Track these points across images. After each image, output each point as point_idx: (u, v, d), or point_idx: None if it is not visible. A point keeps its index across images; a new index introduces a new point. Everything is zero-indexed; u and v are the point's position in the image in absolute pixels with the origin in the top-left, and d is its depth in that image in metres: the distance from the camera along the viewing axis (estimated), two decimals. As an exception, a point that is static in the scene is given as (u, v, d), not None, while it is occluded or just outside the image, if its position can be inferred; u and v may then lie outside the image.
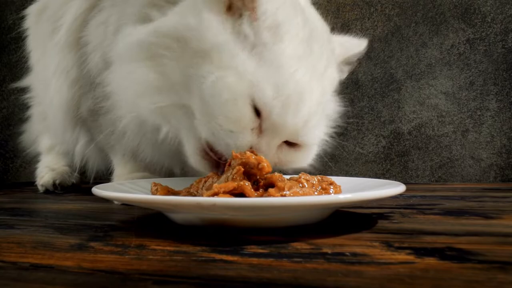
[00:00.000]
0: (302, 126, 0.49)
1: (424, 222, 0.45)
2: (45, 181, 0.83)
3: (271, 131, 0.49)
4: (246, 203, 0.36)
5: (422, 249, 0.33)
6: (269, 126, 0.48)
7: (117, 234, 0.41)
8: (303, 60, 0.50)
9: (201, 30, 0.48)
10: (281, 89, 0.47)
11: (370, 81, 1.07)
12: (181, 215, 0.43)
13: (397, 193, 0.42)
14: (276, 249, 0.34)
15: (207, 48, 0.47)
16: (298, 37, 0.50)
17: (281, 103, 0.47)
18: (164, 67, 0.49)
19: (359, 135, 1.09)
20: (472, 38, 1.02)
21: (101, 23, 0.59)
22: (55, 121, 0.71)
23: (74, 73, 0.64)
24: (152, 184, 0.48)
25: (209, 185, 0.44)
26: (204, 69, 0.47)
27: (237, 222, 0.41)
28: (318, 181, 0.47)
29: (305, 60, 0.50)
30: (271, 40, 0.48)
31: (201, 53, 0.48)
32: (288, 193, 0.41)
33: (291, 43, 0.49)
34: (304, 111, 0.49)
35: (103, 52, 0.59)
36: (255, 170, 0.43)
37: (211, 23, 0.48)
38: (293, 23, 0.50)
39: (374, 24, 1.08)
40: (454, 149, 1.02)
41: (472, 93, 1.02)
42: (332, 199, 0.38)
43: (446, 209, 0.54)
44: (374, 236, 0.38)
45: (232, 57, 0.47)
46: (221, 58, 0.47)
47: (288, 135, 0.50)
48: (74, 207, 0.62)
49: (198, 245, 0.36)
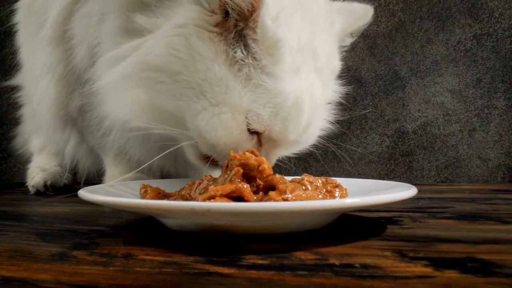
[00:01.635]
0: (302, 134, 0.48)
1: (437, 228, 0.42)
2: (36, 182, 0.79)
3: (271, 145, 0.48)
4: (243, 208, 0.32)
5: (439, 259, 0.30)
6: (269, 141, 0.48)
7: (104, 242, 0.38)
8: (302, 68, 0.47)
9: (193, 62, 0.44)
10: (280, 109, 0.46)
11: (373, 78, 1.05)
12: (174, 220, 0.40)
13: (409, 196, 0.39)
14: (278, 260, 0.31)
15: (199, 81, 0.45)
16: (300, 43, 0.47)
17: (280, 121, 0.46)
18: (156, 97, 0.46)
19: (362, 134, 1.05)
20: (479, 34, 0.99)
21: (86, 15, 0.56)
22: (44, 120, 0.69)
23: (61, 69, 0.61)
24: (141, 186, 0.44)
25: (203, 188, 0.41)
26: (198, 104, 0.45)
27: (235, 228, 0.37)
28: (323, 183, 0.43)
29: (304, 66, 0.47)
30: (270, 62, 0.45)
31: (193, 85, 0.45)
32: (290, 196, 0.38)
33: (290, 57, 0.46)
34: (303, 122, 0.47)
35: (88, 45, 0.56)
36: (255, 172, 0.39)
37: (202, 52, 0.44)
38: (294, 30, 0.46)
39: (378, 20, 1.05)
40: (461, 148, 1.00)
41: (479, 91, 0.99)
42: (339, 204, 0.35)
43: (458, 212, 0.51)
44: (384, 244, 0.35)
45: (226, 92, 0.44)
46: (215, 94, 0.44)
47: (289, 146, 0.50)
48: (63, 210, 0.59)
49: (191, 254, 0.32)
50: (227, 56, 0.45)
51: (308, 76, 0.47)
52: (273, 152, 0.49)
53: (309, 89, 0.47)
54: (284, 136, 0.47)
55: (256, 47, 0.44)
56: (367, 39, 1.05)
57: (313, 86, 0.48)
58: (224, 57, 0.44)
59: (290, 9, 0.47)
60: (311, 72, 0.48)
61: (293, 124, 0.46)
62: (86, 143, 0.68)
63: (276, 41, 0.44)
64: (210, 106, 0.45)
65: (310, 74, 0.48)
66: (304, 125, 0.47)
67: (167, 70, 0.45)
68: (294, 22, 0.47)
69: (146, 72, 0.45)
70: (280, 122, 0.46)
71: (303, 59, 0.47)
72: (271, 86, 0.45)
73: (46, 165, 0.82)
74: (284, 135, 0.47)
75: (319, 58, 0.49)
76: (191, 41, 0.44)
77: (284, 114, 0.46)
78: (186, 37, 0.44)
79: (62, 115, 0.65)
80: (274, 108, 0.45)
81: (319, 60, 0.49)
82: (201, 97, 0.45)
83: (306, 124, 0.48)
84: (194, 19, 0.44)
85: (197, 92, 0.45)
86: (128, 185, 0.50)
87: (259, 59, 0.45)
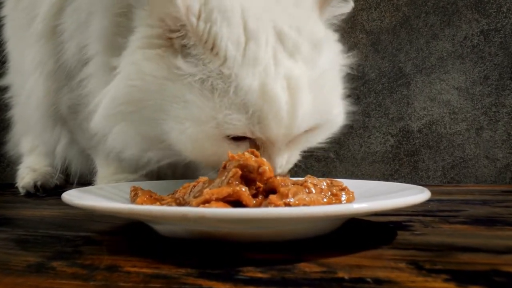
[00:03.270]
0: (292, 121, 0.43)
1: (452, 234, 0.38)
2: (26, 183, 0.76)
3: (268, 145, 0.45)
4: (240, 215, 0.29)
5: (461, 273, 0.27)
6: (263, 142, 0.45)
7: (88, 250, 0.34)
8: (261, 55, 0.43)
9: (148, 86, 0.44)
10: (248, 107, 0.42)
11: (377, 75, 1.02)
12: (165, 227, 0.36)
13: (422, 200, 0.36)
14: (279, 273, 0.27)
15: (160, 102, 0.44)
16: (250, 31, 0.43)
17: (256, 119, 0.43)
18: (136, 127, 0.47)
19: (365, 133, 1.02)
20: (487, 30, 0.96)
21: (75, 10, 0.55)
22: (33, 118, 0.67)
23: (51, 64, 0.60)
24: (131, 189, 0.41)
25: (199, 191, 0.38)
26: (165, 125, 0.45)
27: (232, 235, 0.34)
28: (327, 185, 0.40)
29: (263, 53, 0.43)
30: (217, 64, 0.43)
31: (157, 108, 0.45)
32: (292, 200, 0.35)
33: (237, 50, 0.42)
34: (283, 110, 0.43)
35: (79, 40, 0.55)
36: (254, 174, 0.36)
37: (153, 73, 0.44)
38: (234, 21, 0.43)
39: (382, 15, 1.02)
40: (468, 148, 0.96)
41: (487, 88, 0.96)
42: (346, 210, 0.31)
43: (472, 216, 0.48)
44: (397, 254, 0.31)
45: (185, 107, 0.43)
46: (176, 111, 0.44)
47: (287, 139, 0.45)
48: (50, 213, 0.55)
49: (182, 266, 0.29)
50: (178, 70, 0.43)
51: (273, 61, 0.43)
52: (273, 152, 0.45)
53: (278, 74, 0.43)
54: (269, 132, 0.43)
55: (198, 53, 0.43)
56: (370, 35, 1.02)
57: (286, 68, 0.43)
58: (175, 71, 0.43)
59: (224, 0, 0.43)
60: (278, 56, 0.43)
61: (272, 117, 0.42)
62: (77, 143, 0.65)
63: (214, 40, 0.42)
64: (175, 124, 0.44)
65: (277, 58, 0.43)
66: (286, 113, 0.43)
67: (130, 101, 0.45)
68: (233, 12, 0.43)
69: (118, 108, 0.46)
70: (256, 121, 0.43)
71: (259, 46, 0.43)
72: (227, 87, 0.42)
73: (36, 165, 0.79)
74: (268, 132, 0.43)
75: (287, 37, 0.44)
76: (141, 66, 0.45)
77: (256, 111, 0.42)
78: (136, 63, 0.45)
79: (51, 113, 0.63)
80: (242, 107, 0.42)
81: (287, 40, 0.44)
82: (166, 117, 0.44)
83: (290, 110, 0.43)
84: (141, 41, 0.45)
85: (162, 114, 0.44)
86: (118, 187, 0.47)
87: (206, 63, 0.43)
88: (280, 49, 0.44)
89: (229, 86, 0.42)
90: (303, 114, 0.44)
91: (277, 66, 0.43)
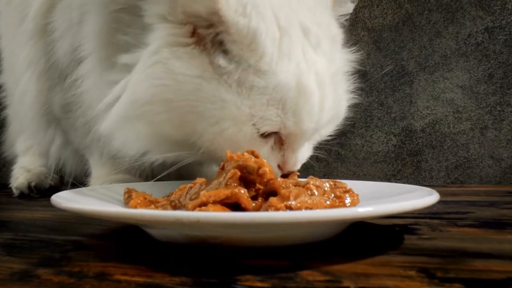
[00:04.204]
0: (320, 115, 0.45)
1: (462, 238, 0.36)
2: (20, 183, 0.75)
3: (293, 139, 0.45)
4: (238, 219, 0.27)
5: (476, 281, 0.25)
6: (289, 136, 0.45)
7: (77, 256, 0.33)
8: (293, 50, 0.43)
9: (180, 86, 0.42)
10: (285, 102, 0.42)
11: (379, 73, 1.00)
12: (160, 231, 0.35)
13: (431, 203, 0.34)
14: (280, 282, 0.25)
15: (193, 103, 0.42)
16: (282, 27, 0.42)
17: (290, 114, 0.43)
18: (160, 129, 0.44)
19: (367, 132, 1.01)
20: (491, 27, 0.94)
21: (66, 7, 0.53)
22: (27, 118, 0.65)
23: (42, 63, 0.59)
24: (125, 191, 0.39)
25: (195, 193, 0.36)
26: (199, 126, 0.42)
27: (230, 240, 0.32)
28: (331, 187, 0.38)
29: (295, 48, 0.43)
30: (255, 59, 0.41)
31: (189, 109, 0.42)
32: (294, 203, 0.33)
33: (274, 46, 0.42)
34: (315, 104, 0.44)
35: (71, 39, 0.53)
36: (254, 176, 0.34)
37: (186, 72, 0.42)
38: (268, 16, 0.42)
39: (384, 12, 1.01)
40: (472, 148, 0.95)
41: (491, 87, 0.94)
42: (352, 214, 0.30)
43: (480, 219, 0.46)
44: (406, 261, 0.29)
45: (223, 107, 0.42)
46: (212, 112, 0.42)
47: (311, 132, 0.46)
48: (42, 215, 0.53)
49: (176, 274, 0.27)
50: (213, 68, 0.42)
51: (303, 56, 0.44)
52: (299, 145, 0.46)
53: (309, 69, 0.43)
54: (302, 126, 0.44)
55: (236, 49, 0.41)
56: (372, 32, 1.00)
57: (313, 63, 0.44)
58: (211, 69, 0.42)
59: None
60: (306, 51, 0.44)
61: (306, 111, 0.43)
62: (71, 143, 0.64)
63: (253, 35, 0.41)
64: (210, 126, 0.42)
65: (305, 53, 0.44)
66: (317, 107, 0.44)
67: (158, 101, 0.42)
68: (265, 7, 0.42)
69: (140, 108, 0.43)
70: (291, 115, 0.43)
71: (291, 41, 0.43)
72: (266, 83, 0.41)
73: (30, 165, 0.78)
74: (301, 125, 0.43)
75: (311, 33, 0.45)
76: (169, 66, 0.42)
77: (291, 105, 0.42)
78: (163, 62, 0.42)
79: (44, 112, 0.62)
80: (278, 103, 0.42)
81: (312, 36, 0.45)
82: (200, 118, 0.42)
83: (320, 104, 0.44)
84: (166, 39, 0.42)
85: (195, 115, 0.42)
86: (111, 188, 0.45)
87: (243, 60, 0.41)
88: (306, 44, 0.44)
89: (267, 83, 0.41)
90: (329, 107, 0.45)
91: (307, 62, 0.43)
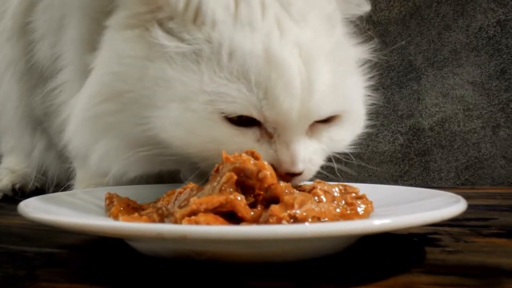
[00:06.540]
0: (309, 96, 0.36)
1: (492, 252, 0.32)
2: (3, 186, 0.71)
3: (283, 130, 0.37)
4: (231, 234, 0.22)
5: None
6: (277, 126, 0.37)
7: (45, 274, 0.28)
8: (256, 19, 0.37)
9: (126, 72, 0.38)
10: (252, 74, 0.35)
11: (385, 69, 0.98)
12: (144, 244, 0.30)
13: (459, 212, 0.29)
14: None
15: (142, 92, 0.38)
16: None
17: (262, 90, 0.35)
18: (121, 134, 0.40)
19: (372, 131, 0.97)
20: (504, 20, 0.93)
21: (48, 6, 0.51)
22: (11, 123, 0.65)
23: (22, 65, 0.57)
24: (106, 196, 0.35)
25: (185, 199, 0.31)
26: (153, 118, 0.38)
27: (223, 256, 0.27)
28: (340, 192, 0.34)
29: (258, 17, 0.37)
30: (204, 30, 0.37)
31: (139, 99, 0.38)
32: (299, 212, 0.28)
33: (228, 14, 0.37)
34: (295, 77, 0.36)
35: (52, 41, 0.50)
36: (253, 180, 0.30)
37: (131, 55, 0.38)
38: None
39: (390, 4, 0.99)
40: (483, 147, 0.93)
41: (504, 83, 0.92)
42: (366, 227, 0.25)
43: (506, 226, 0.41)
44: (432, 281, 0.25)
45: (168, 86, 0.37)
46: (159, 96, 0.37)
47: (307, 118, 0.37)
48: (20, 221, 0.48)
49: (159, 300, 0.22)
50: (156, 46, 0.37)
51: (277, 26, 0.37)
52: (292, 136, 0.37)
53: (286, 38, 0.37)
54: (280, 107, 0.36)
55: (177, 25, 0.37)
56: (378, 26, 0.99)
57: (294, 34, 0.37)
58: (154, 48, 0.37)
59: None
60: (282, 22, 0.38)
61: (281, 86, 0.35)
62: (55, 146, 0.61)
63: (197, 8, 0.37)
64: (160, 112, 0.37)
65: (281, 23, 0.37)
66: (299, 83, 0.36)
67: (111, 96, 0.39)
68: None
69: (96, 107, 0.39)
70: (262, 92, 0.35)
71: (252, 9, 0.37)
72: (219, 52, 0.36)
73: (16, 166, 0.74)
74: (279, 106, 0.36)
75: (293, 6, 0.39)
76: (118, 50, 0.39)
77: (260, 79, 0.35)
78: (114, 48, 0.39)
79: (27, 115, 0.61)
80: (241, 75, 0.35)
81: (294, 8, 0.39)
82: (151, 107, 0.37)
83: (304, 81, 0.36)
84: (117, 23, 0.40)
85: (147, 105, 0.38)
86: (92, 193, 0.40)
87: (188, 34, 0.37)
88: (284, 16, 0.38)
89: (220, 51, 0.36)
90: (322, 89, 0.37)
91: (283, 32, 0.37)
